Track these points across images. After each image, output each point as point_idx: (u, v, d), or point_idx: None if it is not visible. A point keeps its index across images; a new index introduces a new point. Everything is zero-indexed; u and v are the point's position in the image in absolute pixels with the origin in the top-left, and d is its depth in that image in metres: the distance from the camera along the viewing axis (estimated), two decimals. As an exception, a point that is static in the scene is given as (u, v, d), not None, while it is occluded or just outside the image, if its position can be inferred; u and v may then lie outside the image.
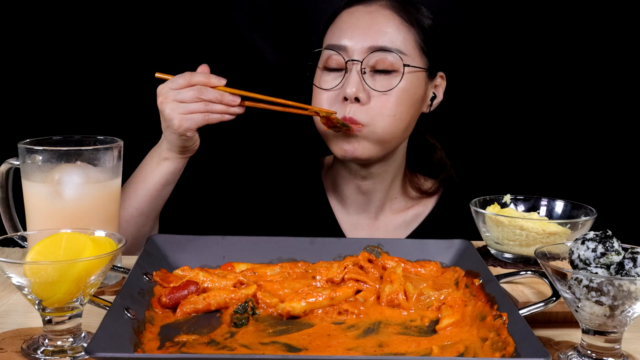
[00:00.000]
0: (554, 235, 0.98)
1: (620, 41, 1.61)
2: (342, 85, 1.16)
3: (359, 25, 1.18)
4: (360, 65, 1.15)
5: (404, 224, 1.31)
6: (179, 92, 1.07)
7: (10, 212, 0.97)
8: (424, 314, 0.82)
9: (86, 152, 0.89)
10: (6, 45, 1.57)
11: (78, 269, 0.70)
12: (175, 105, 1.07)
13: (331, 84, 1.18)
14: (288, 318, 0.80)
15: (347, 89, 1.15)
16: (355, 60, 1.16)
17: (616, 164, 1.66)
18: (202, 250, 0.94)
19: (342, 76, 1.17)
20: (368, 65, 1.16)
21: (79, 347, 0.74)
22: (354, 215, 1.31)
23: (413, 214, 1.32)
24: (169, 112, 1.07)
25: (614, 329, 0.73)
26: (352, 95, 1.14)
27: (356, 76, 1.15)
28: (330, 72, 1.19)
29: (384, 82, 1.16)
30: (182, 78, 1.07)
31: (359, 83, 1.15)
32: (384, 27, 1.17)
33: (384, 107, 1.16)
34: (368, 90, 1.16)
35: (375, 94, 1.16)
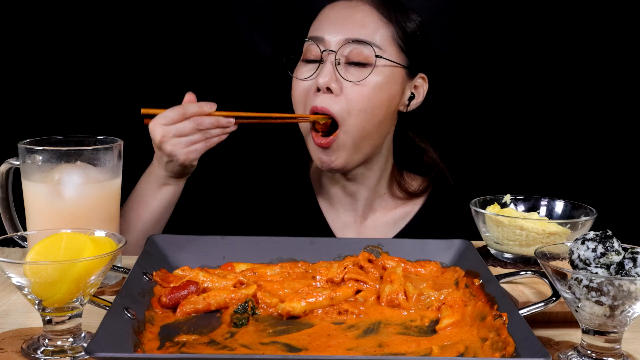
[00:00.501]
0: (554, 235, 0.98)
1: (620, 41, 1.61)
2: (316, 75, 1.18)
3: (337, 17, 1.20)
4: (334, 55, 1.17)
5: (393, 222, 1.31)
6: (176, 128, 1.09)
7: (10, 212, 0.97)
8: (424, 314, 0.82)
9: (86, 152, 0.89)
10: (6, 45, 1.57)
11: (78, 269, 0.70)
12: (176, 140, 1.09)
13: (306, 75, 1.20)
14: (288, 318, 0.80)
15: (320, 78, 1.16)
16: (330, 50, 1.17)
17: (616, 164, 1.66)
18: (202, 250, 0.94)
19: (318, 67, 1.19)
20: (343, 56, 1.17)
21: (79, 347, 0.74)
22: (342, 215, 1.32)
23: (402, 212, 1.32)
24: (172, 149, 1.09)
25: (614, 329, 0.73)
26: (324, 85, 1.16)
27: (329, 66, 1.17)
28: (307, 64, 1.21)
29: (357, 73, 1.17)
30: (174, 112, 1.09)
31: (331, 73, 1.16)
32: (362, 21, 1.19)
33: (356, 99, 1.17)
34: (341, 80, 1.17)
35: (348, 85, 1.16)
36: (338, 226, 1.31)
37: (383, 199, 1.31)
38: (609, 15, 1.60)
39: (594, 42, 1.61)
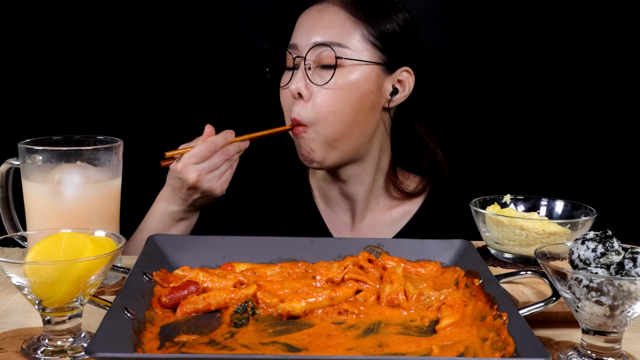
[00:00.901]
0: (554, 235, 0.98)
1: (620, 41, 1.61)
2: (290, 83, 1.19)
3: (307, 23, 1.21)
4: (303, 61, 1.17)
5: (391, 222, 1.31)
6: (209, 163, 1.10)
7: (10, 212, 0.97)
8: (424, 314, 0.82)
9: (86, 152, 0.89)
10: (6, 45, 1.57)
11: (78, 269, 0.70)
12: (210, 176, 1.10)
13: (284, 83, 1.22)
14: (288, 318, 0.80)
15: (291, 85, 1.18)
16: (300, 57, 1.18)
17: (616, 164, 1.66)
18: (202, 250, 0.94)
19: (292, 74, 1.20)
20: (312, 61, 1.18)
21: (79, 347, 0.74)
22: (340, 215, 1.32)
23: (401, 212, 1.31)
24: (209, 185, 1.11)
25: (614, 329, 0.73)
26: (295, 91, 1.17)
27: (299, 72, 1.18)
28: (288, 71, 1.22)
29: (326, 77, 1.17)
30: (204, 149, 1.10)
31: (301, 79, 1.17)
32: (329, 23, 1.19)
33: (324, 102, 1.17)
34: (310, 85, 1.17)
35: (317, 89, 1.17)
36: (336, 227, 1.31)
37: (380, 199, 1.31)
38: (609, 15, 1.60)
39: (594, 42, 1.61)
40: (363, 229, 1.30)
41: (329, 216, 1.32)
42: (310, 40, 1.18)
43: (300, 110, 1.18)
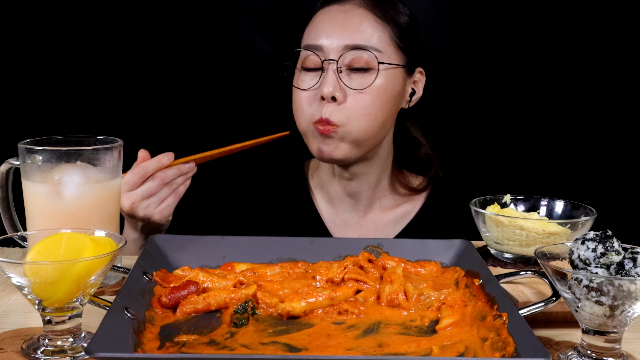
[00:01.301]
0: (554, 235, 0.98)
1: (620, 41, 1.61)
2: (319, 85, 1.17)
3: (333, 24, 1.19)
4: (336, 64, 1.16)
5: (393, 221, 1.31)
6: (142, 190, 1.07)
7: (10, 212, 0.97)
8: (424, 314, 0.82)
9: (86, 152, 0.89)
10: (6, 45, 1.57)
11: (78, 269, 0.70)
12: (146, 203, 1.07)
13: (309, 84, 1.19)
14: (288, 318, 0.80)
15: (324, 88, 1.15)
16: (331, 59, 1.16)
17: (616, 164, 1.66)
18: (202, 250, 0.94)
19: (319, 76, 1.18)
20: (344, 64, 1.17)
21: (79, 347, 0.74)
22: (342, 215, 1.32)
23: (402, 212, 1.32)
24: (145, 213, 1.08)
25: (614, 329, 0.73)
26: (328, 94, 1.15)
27: (332, 75, 1.16)
28: (308, 72, 1.20)
29: (360, 80, 1.17)
30: (134, 175, 1.07)
31: (335, 82, 1.15)
32: (359, 25, 1.18)
33: (360, 105, 1.16)
34: (344, 88, 1.16)
35: (352, 92, 1.16)
36: (338, 227, 1.31)
37: (383, 200, 1.31)
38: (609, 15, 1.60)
39: (594, 42, 1.61)
40: (365, 228, 1.30)
41: (331, 216, 1.32)
42: (342, 43, 1.16)
43: (332, 111, 1.16)
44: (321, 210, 1.32)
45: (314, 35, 1.19)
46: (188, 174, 1.10)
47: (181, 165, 1.09)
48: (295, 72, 1.23)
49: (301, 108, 1.20)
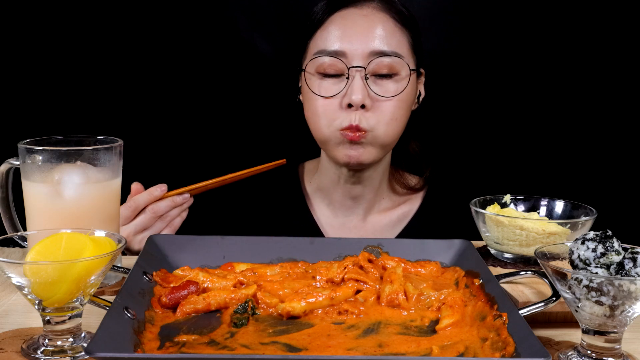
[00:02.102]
0: (554, 235, 0.98)
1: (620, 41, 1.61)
2: (346, 92, 1.15)
3: (355, 28, 1.16)
4: (363, 71, 1.14)
5: (392, 223, 1.31)
6: (135, 224, 1.06)
7: (10, 212, 0.97)
8: (424, 314, 0.82)
9: (86, 152, 0.89)
10: (6, 45, 1.57)
11: (78, 269, 0.70)
12: (140, 237, 1.07)
13: (331, 91, 1.16)
14: (288, 318, 0.80)
15: (353, 96, 1.13)
16: (358, 66, 1.14)
17: (616, 164, 1.66)
18: (202, 250, 0.94)
19: (342, 82, 1.15)
20: (370, 71, 1.15)
21: (79, 347, 0.74)
22: (341, 218, 1.31)
23: (400, 214, 1.32)
24: (140, 246, 1.06)
25: (614, 329, 0.73)
26: (359, 102, 1.13)
27: (360, 82, 1.14)
28: (327, 78, 1.17)
29: (386, 86, 1.16)
30: (127, 209, 1.06)
31: (364, 89, 1.13)
32: (382, 31, 1.16)
33: (387, 111, 1.16)
34: (372, 95, 1.15)
35: (377, 98, 1.15)
36: (336, 231, 1.30)
37: (382, 202, 1.31)
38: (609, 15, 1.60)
39: (594, 42, 1.61)
40: (364, 232, 1.30)
41: (328, 221, 1.31)
42: (367, 49, 1.14)
43: (361, 118, 1.14)
44: (318, 214, 1.31)
45: (334, 40, 1.16)
46: (183, 205, 1.09)
47: (175, 197, 1.08)
48: (309, 76, 1.19)
49: (323, 115, 1.17)
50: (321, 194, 1.31)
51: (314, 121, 1.19)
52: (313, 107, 1.18)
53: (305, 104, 1.21)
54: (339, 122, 1.15)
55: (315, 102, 1.17)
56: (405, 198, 1.33)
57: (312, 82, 1.18)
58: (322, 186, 1.31)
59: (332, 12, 1.19)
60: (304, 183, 1.34)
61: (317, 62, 1.17)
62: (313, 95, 1.17)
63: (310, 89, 1.18)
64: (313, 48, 1.19)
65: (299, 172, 1.36)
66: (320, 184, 1.31)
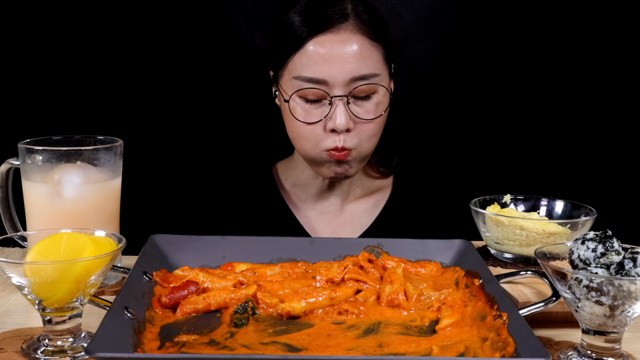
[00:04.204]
0: (554, 235, 0.98)
1: (620, 41, 1.61)
2: (330, 117, 1.15)
3: (333, 56, 1.14)
4: (345, 99, 1.15)
5: (368, 210, 1.33)
6: None
7: (10, 212, 0.97)
8: (424, 314, 0.82)
9: (86, 152, 0.89)
10: (6, 45, 1.57)
11: (78, 269, 0.70)
12: None
13: (314, 117, 1.16)
14: (288, 318, 0.80)
15: (337, 121, 1.14)
16: (340, 95, 1.14)
17: (616, 164, 1.66)
18: (202, 250, 0.94)
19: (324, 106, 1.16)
20: (350, 95, 1.15)
21: (79, 347, 0.74)
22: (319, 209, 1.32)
23: (375, 200, 1.34)
24: None
25: (614, 329, 0.73)
26: (343, 128, 1.15)
27: (343, 108, 1.14)
28: (309, 103, 1.17)
29: (366, 107, 1.17)
30: None
31: (346, 114, 1.15)
32: (359, 54, 1.15)
33: (369, 129, 1.18)
34: (354, 119, 1.16)
35: (361, 120, 1.17)
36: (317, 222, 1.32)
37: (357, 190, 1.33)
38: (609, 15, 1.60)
39: (594, 42, 1.61)
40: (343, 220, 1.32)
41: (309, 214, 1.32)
42: (347, 76, 1.14)
43: (345, 139, 1.16)
44: (297, 210, 1.32)
45: (313, 68, 1.15)
46: None
47: None
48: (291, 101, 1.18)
49: (308, 138, 1.18)
50: (299, 189, 1.33)
51: (299, 142, 1.21)
52: (297, 130, 1.19)
53: (287, 125, 1.22)
54: (324, 143, 1.17)
55: (298, 126, 1.18)
56: (377, 184, 1.35)
57: (294, 108, 1.18)
58: (298, 182, 1.33)
59: (309, 35, 1.17)
60: (282, 181, 1.35)
61: (298, 86, 1.16)
62: (296, 121, 1.18)
63: (293, 114, 1.17)
64: (292, 70, 1.17)
65: (273, 172, 1.37)
66: (297, 180, 1.33)
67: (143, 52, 1.58)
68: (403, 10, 1.58)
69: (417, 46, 1.61)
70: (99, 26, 1.57)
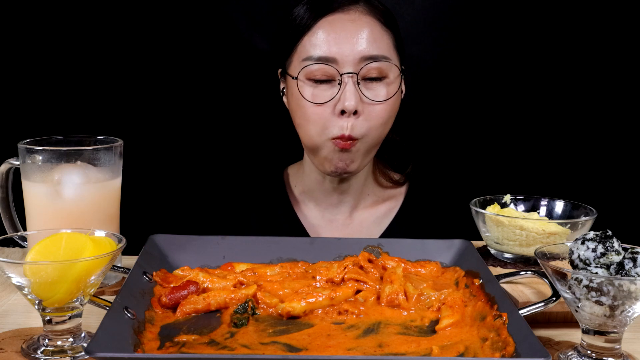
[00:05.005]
0: (554, 235, 0.98)
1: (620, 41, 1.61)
2: (339, 98, 1.13)
3: (344, 34, 1.14)
4: (356, 77, 1.13)
5: (377, 219, 1.30)
6: None
7: (10, 212, 0.97)
8: (424, 314, 0.82)
9: (86, 152, 0.89)
10: (6, 45, 1.57)
11: (78, 269, 0.70)
12: None
13: (323, 98, 1.14)
14: (288, 318, 0.80)
15: (347, 102, 1.12)
16: (350, 72, 1.13)
17: (616, 164, 1.66)
18: (202, 250, 0.94)
19: (333, 87, 1.14)
20: (360, 75, 1.14)
21: (79, 347, 0.74)
22: (328, 216, 1.30)
23: (385, 209, 1.31)
24: None
25: (614, 329, 0.73)
26: (352, 109, 1.12)
27: (353, 88, 1.12)
28: (318, 84, 1.15)
29: (377, 90, 1.15)
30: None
31: (357, 95, 1.12)
32: (370, 34, 1.15)
33: (379, 115, 1.15)
34: (365, 100, 1.14)
35: (369, 103, 1.14)
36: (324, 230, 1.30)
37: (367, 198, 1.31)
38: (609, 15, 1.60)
39: (594, 42, 1.61)
40: (351, 229, 1.30)
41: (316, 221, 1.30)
42: (358, 54, 1.13)
43: (353, 126, 1.13)
44: (305, 216, 1.30)
45: (324, 46, 1.14)
46: None
47: None
48: (299, 82, 1.17)
49: (315, 122, 1.15)
50: (307, 196, 1.31)
51: (305, 128, 1.18)
52: (304, 113, 1.16)
53: (295, 110, 1.20)
54: (331, 130, 1.14)
55: (306, 108, 1.16)
56: (389, 193, 1.32)
57: (303, 89, 1.16)
58: (307, 188, 1.30)
59: (318, 17, 1.17)
60: (292, 187, 1.34)
61: (308, 68, 1.15)
62: (304, 102, 1.15)
63: (301, 94, 1.16)
64: (301, 53, 1.17)
65: (284, 177, 1.36)
66: (305, 187, 1.31)
67: (144, 52, 1.58)
68: (403, 10, 1.58)
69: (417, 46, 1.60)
70: (99, 26, 1.57)
